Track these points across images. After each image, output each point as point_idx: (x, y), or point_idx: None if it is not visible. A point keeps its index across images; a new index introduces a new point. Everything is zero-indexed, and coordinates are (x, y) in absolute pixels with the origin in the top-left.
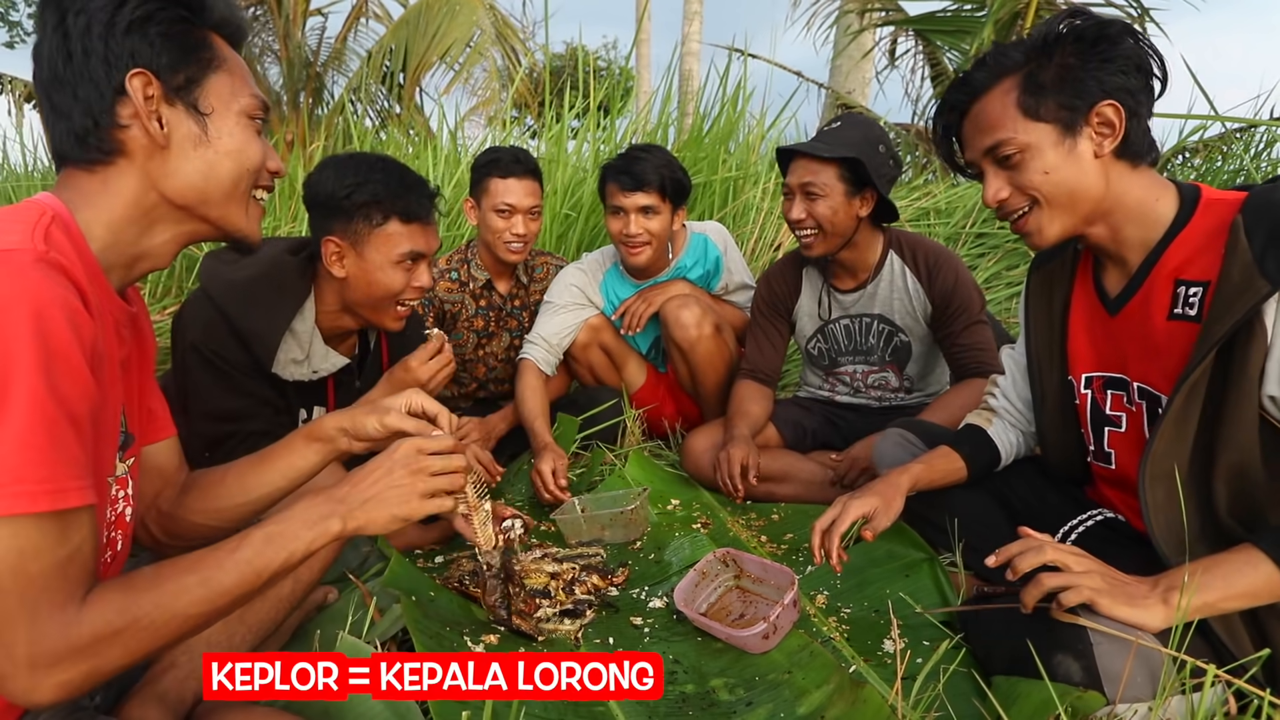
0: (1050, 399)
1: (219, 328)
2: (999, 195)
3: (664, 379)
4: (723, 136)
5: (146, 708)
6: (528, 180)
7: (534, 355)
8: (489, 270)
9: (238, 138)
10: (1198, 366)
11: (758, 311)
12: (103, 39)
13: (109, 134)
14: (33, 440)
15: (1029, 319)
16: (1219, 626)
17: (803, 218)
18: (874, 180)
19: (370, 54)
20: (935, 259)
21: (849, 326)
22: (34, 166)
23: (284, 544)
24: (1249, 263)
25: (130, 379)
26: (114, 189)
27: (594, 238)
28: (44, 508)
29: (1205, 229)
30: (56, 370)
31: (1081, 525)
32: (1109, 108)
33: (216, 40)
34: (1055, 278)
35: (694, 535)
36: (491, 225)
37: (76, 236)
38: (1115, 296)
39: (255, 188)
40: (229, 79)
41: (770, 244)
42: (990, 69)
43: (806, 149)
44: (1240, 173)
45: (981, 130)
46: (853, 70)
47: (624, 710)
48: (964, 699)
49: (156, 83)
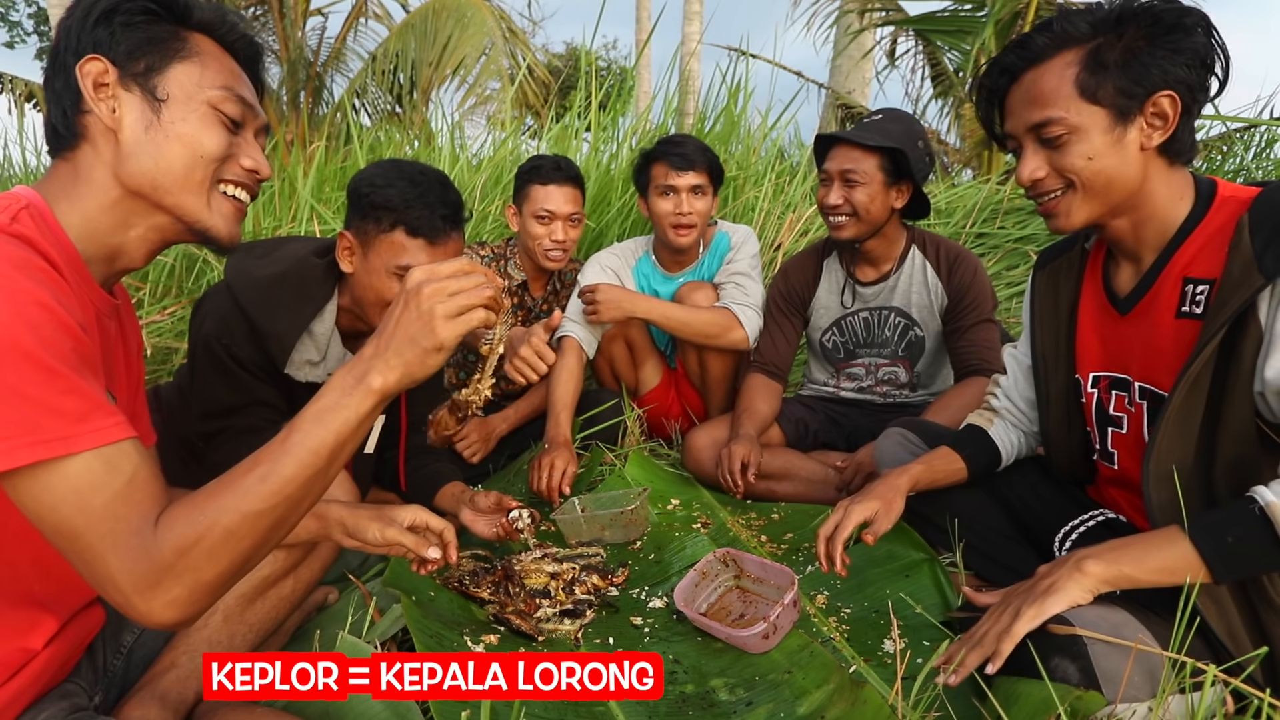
0: (1056, 398)
1: (236, 323)
2: (1035, 174)
3: (674, 377)
4: (723, 136)
5: (146, 708)
6: (568, 187)
7: (577, 334)
8: (526, 273)
9: (191, 124)
10: (1195, 361)
11: (773, 304)
12: (76, 33)
13: (74, 120)
14: (43, 393)
15: (1034, 318)
16: (1218, 626)
17: (839, 203)
18: (913, 173)
19: (375, 57)
20: (956, 255)
21: (868, 319)
22: (35, 167)
23: (333, 417)
24: (1249, 259)
25: (116, 372)
26: (84, 177)
27: (596, 238)
28: (84, 447)
29: (1216, 226)
30: (41, 326)
31: (1083, 525)
32: (1166, 99)
33: (195, 37)
34: (1062, 276)
35: (694, 535)
36: (532, 231)
37: (52, 225)
38: (1126, 296)
39: (222, 182)
40: (198, 70)
41: (771, 244)
42: (1055, 35)
43: (852, 136)
44: (1241, 172)
45: (1032, 103)
46: (853, 70)
47: (624, 710)
48: (964, 699)
49: (113, 69)
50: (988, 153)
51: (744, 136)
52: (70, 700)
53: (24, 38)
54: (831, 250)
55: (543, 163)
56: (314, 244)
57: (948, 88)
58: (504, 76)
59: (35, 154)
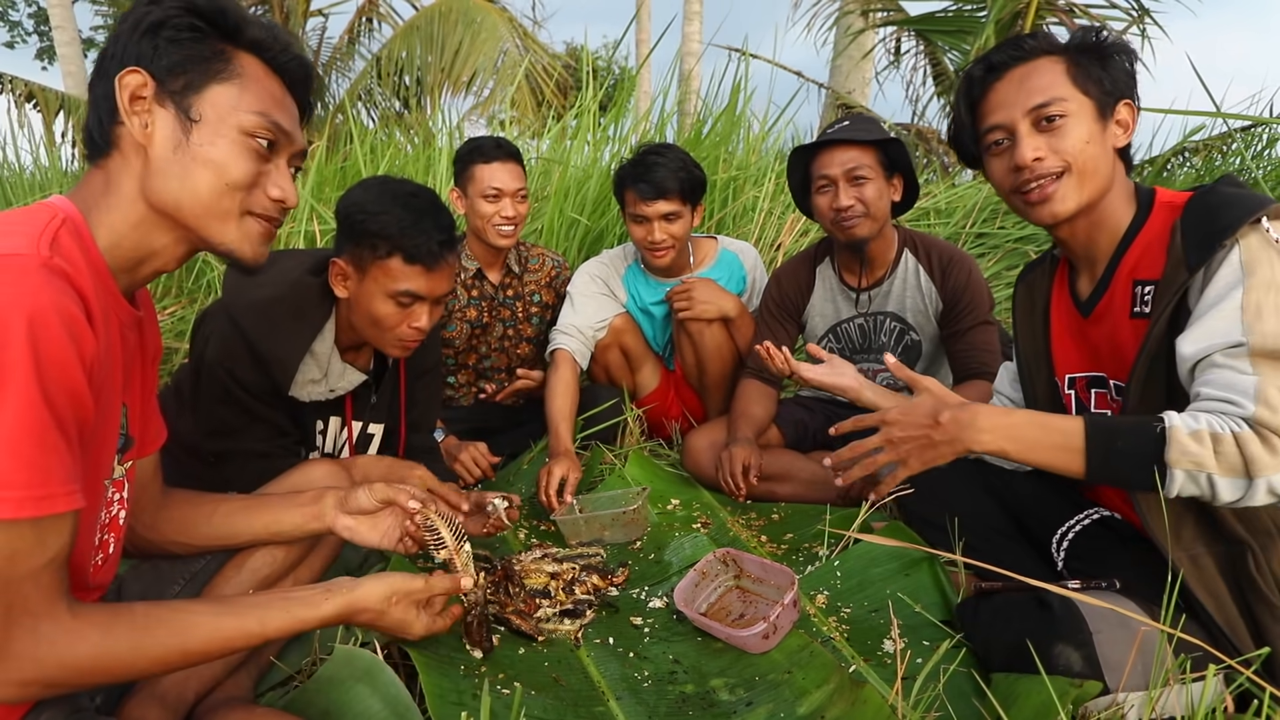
0: (1041, 401)
1: (238, 348)
2: (1038, 153)
3: (673, 379)
4: (723, 137)
5: (146, 708)
6: (511, 164)
7: (569, 345)
8: (479, 260)
9: (221, 150)
10: (1141, 357)
11: (766, 310)
12: (123, 43)
13: (110, 129)
14: (21, 446)
15: (1017, 326)
16: (1220, 619)
17: (852, 203)
18: (908, 163)
19: (380, 60)
20: (949, 257)
21: (864, 325)
22: (31, 168)
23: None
24: (1179, 259)
25: (133, 382)
26: (115, 186)
27: (598, 237)
28: (29, 514)
29: (1156, 230)
30: (49, 377)
31: (1079, 524)
32: (1126, 107)
33: (243, 58)
34: (1036, 285)
35: (694, 535)
36: (480, 211)
37: (86, 239)
38: (1086, 299)
39: (249, 214)
40: (235, 93)
41: (771, 244)
42: (1041, 40)
43: (851, 135)
44: (1242, 172)
45: (1029, 90)
46: (853, 70)
47: (624, 710)
48: (964, 699)
49: (152, 83)
50: None
51: (745, 136)
52: (70, 701)
53: (24, 38)
54: (824, 257)
55: (482, 143)
56: (308, 261)
57: (948, 87)
58: (522, 84)
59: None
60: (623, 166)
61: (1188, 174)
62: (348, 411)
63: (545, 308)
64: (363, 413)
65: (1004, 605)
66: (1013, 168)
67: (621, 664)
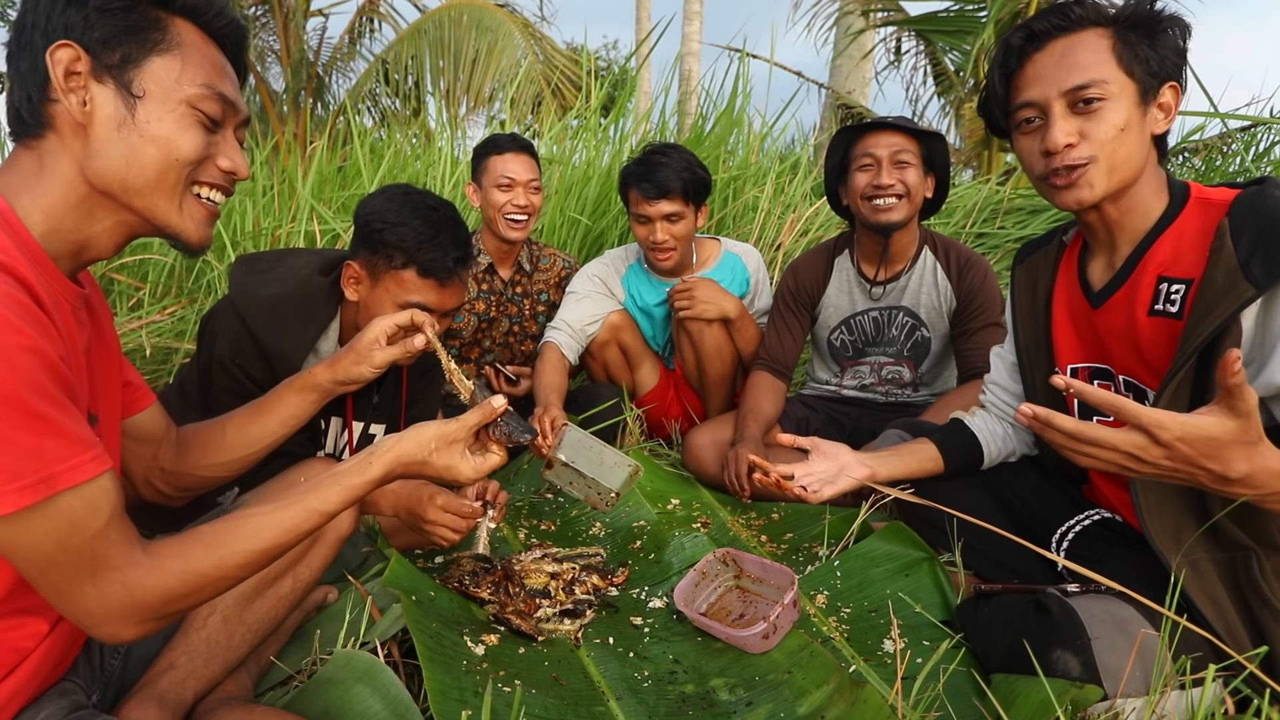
0: (1041, 392)
1: (246, 343)
2: (1071, 138)
3: (673, 378)
4: (723, 136)
5: (146, 708)
6: (524, 155)
7: (558, 339)
8: (491, 254)
9: (168, 125)
10: (1182, 367)
11: (781, 302)
12: (45, 10)
13: (40, 107)
14: (25, 438)
15: (1015, 312)
16: (1220, 625)
17: (893, 183)
18: (944, 164)
19: (385, 61)
20: (967, 259)
21: (877, 318)
22: None
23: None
24: (1234, 266)
25: (94, 362)
26: (49, 170)
27: (596, 239)
28: (28, 502)
29: (1193, 227)
30: (18, 364)
31: (1079, 525)
32: (1171, 90)
33: (178, 24)
34: (1039, 269)
35: (694, 535)
36: (494, 201)
37: (16, 226)
38: (1100, 289)
39: (196, 184)
40: (178, 65)
41: (771, 244)
42: (1089, 9)
43: (901, 123)
44: (1243, 172)
45: (1069, 67)
46: (853, 71)
47: (624, 710)
48: (964, 699)
49: (86, 57)
50: (987, 153)
51: (745, 136)
52: (70, 698)
53: None
54: (843, 249)
55: (497, 137)
56: (316, 260)
57: (948, 87)
58: (545, 90)
59: None
60: (627, 165)
61: (1188, 174)
62: (349, 412)
63: (552, 307)
64: (364, 413)
65: (1003, 608)
66: (1043, 151)
67: (621, 664)
